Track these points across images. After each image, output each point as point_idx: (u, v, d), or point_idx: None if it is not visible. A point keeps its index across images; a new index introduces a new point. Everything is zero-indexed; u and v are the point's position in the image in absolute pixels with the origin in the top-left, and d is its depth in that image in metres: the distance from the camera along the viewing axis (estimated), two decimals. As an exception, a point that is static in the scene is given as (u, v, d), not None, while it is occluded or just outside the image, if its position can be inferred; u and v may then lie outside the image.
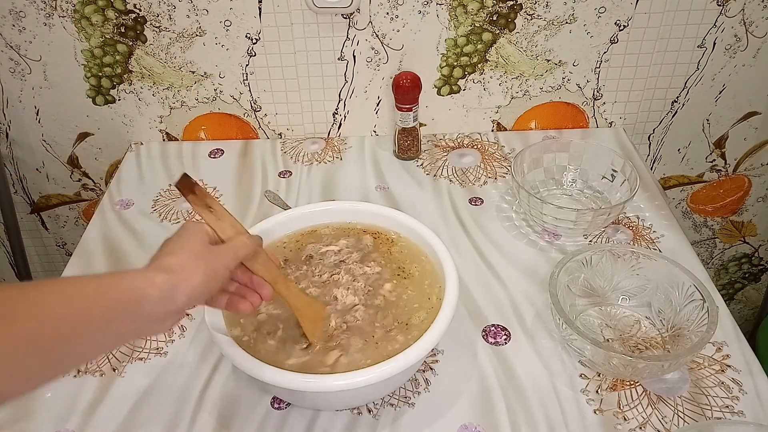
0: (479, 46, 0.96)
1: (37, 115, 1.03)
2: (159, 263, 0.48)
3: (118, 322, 0.44)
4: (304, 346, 0.62)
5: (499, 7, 0.92)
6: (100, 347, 0.47)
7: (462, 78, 1.00)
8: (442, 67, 0.98)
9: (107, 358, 0.68)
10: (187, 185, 0.55)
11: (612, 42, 0.96)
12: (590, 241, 0.83)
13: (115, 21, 0.92)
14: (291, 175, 0.97)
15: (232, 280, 0.56)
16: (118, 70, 0.97)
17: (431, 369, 0.67)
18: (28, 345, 0.40)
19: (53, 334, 0.41)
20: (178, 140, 1.06)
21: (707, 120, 1.06)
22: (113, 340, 0.46)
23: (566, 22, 0.94)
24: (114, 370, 0.67)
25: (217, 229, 0.55)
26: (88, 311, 0.43)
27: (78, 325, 0.42)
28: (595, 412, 0.62)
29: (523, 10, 0.93)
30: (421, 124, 1.02)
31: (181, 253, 0.50)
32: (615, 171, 0.86)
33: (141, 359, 0.68)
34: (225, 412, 0.63)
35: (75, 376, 0.67)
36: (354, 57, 0.97)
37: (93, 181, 1.12)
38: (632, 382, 0.65)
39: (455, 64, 0.98)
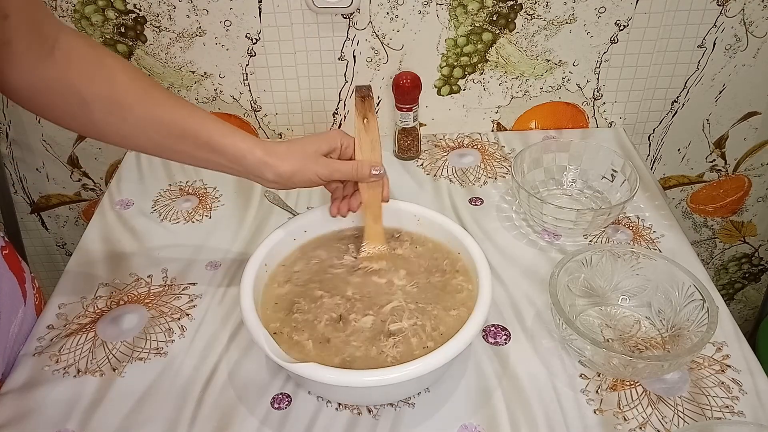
0: (479, 46, 0.96)
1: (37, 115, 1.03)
2: (274, 142, 0.64)
3: (218, 152, 0.62)
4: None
5: (499, 7, 0.92)
6: (207, 157, 0.63)
7: (462, 78, 1.00)
8: (442, 67, 0.98)
9: (107, 358, 0.68)
10: (364, 92, 0.67)
11: (612, 42, 0.96)
12: (590, 241, 0.83)
13: (115, 21, 0.92)
14: (291, 175, 0.96)
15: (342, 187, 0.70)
16: (118, 70, 0.97)
17: (431, 369, 0.67)
18: (163, 124, 0.60)
19: (178, 126, 0.60)
20: (178, 140, 1.06)
21: (707, 120, 1.06)
22: (218, 159, 0.63)
23: (566, 22, 0.94)
24: (114, 370, 0.67)
25: (359, 140, 0.66)
26: (201, 132, 0.61)
27: (196, 133, 0.61)
28: (595, 412, 0.62)
29: (523, 10, 0.93)
30: (421, 124, 1.02)
31: (294, 146, 0.64)
32: (615, 171, 0.86)
33: (141, 359, 0.68)
34: (225, 412, 0.63)
35: (75, 376, 0.67)
36: (354, 57, 0.97)
37: (93, 181, 1.12)
38: (632, 382, 0.65)
39: (455, 64, 0.98)
